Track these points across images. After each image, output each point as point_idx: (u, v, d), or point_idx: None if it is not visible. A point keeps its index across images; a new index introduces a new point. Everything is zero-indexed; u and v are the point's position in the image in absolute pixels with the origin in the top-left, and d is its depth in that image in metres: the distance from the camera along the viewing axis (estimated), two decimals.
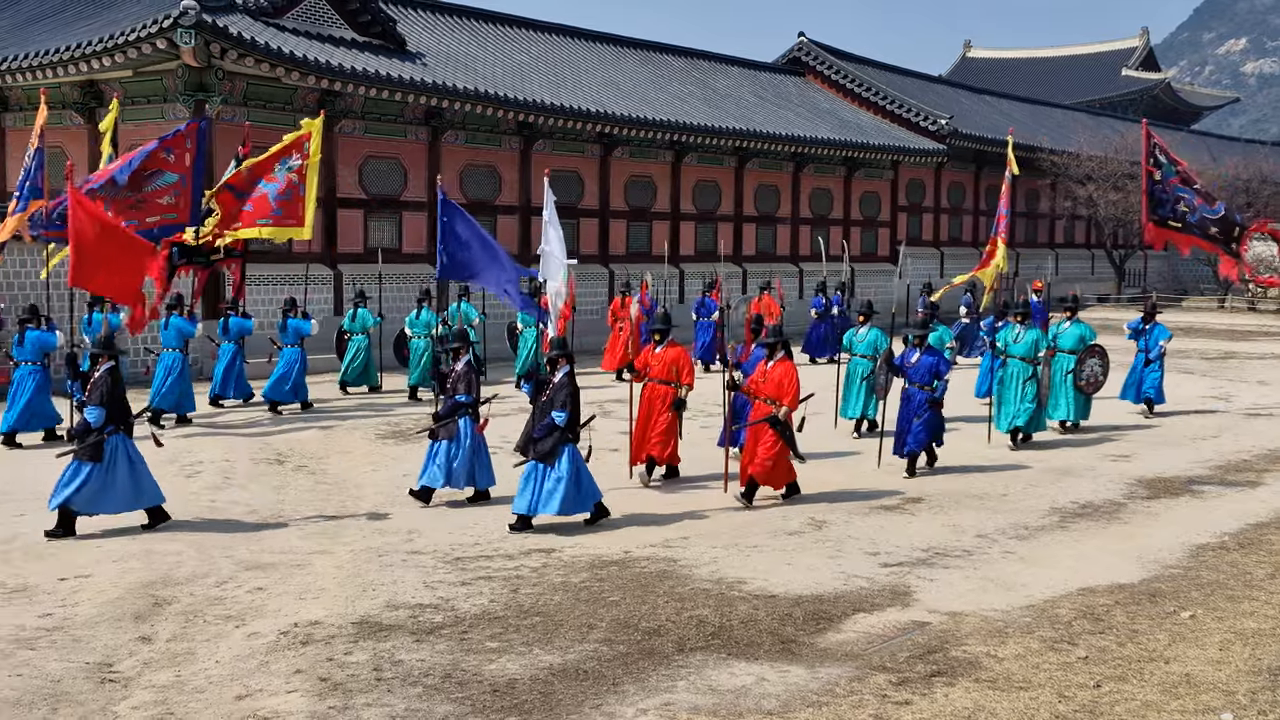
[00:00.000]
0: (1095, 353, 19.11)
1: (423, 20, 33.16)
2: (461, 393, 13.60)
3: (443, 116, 28.74)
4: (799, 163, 39.90)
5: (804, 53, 47.62)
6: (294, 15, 27.07)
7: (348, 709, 7.60)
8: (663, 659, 8.60)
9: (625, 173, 34.60)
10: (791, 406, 13.50)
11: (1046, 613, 9.86)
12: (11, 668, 8.29)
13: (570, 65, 35.91)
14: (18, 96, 27.49)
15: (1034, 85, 75.67)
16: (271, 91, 25.62)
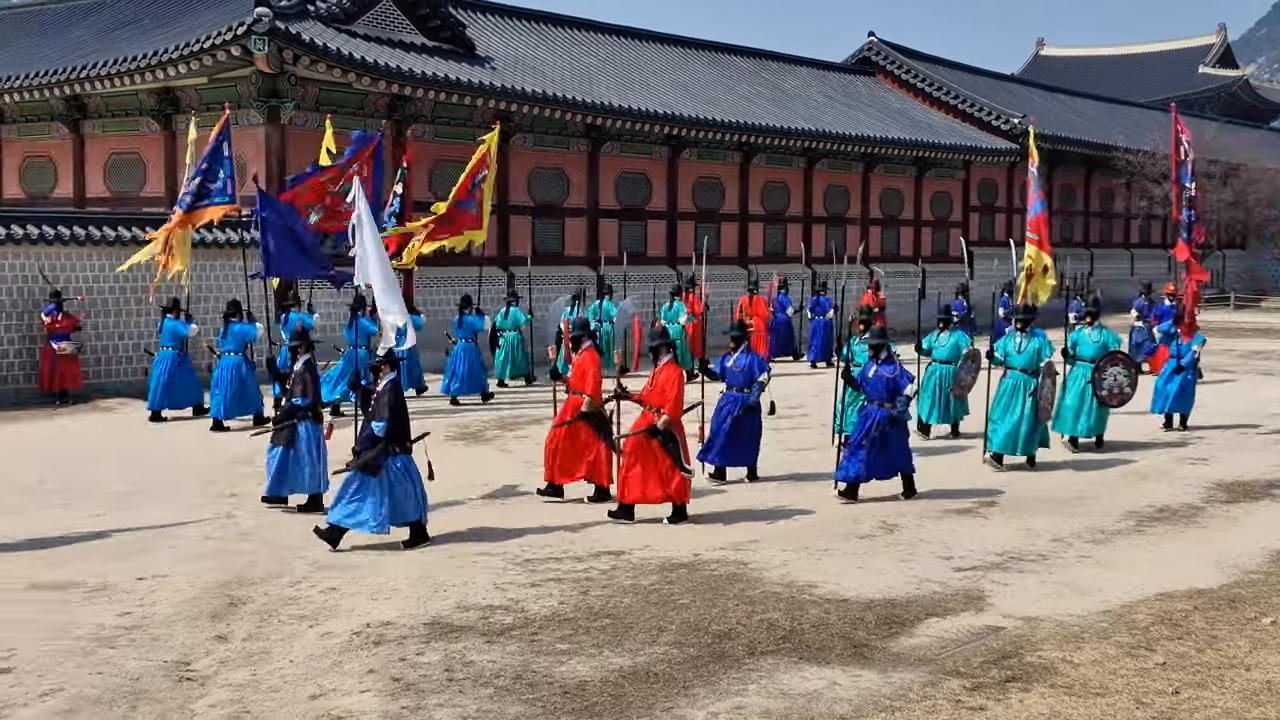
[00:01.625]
0: (1118, 361, 17.24)
1: (491, 24, 33.35)
2: (298, 395, 13.15)
3: (511, 120, 28.87)
4: (869, 163, 39.68)
5: (874, 52, 47.36)
6: (365, 21, 27.33)
7: (420, 709, 7.64)
8: (733, 662, 8.57)
9: (693, 174, 34.58)
10: (673, 414, 12.63)
11: (1123, 618, 9.72)
12: (93, 666, 8.42)
13: (638, 67, 35.95)
14: (96, 104, 27.96)
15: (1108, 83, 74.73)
16: (343, 97, 25.87)
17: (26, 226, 21.40)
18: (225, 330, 19.12)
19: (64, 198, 28.73)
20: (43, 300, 21.16)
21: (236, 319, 19.07)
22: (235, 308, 19.21)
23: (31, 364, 21.17)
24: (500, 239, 29.18)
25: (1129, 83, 77.12)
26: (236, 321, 19.03)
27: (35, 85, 26.91)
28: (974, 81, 48.92)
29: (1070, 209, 50.64)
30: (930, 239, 42.58)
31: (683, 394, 12.86)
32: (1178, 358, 19.34)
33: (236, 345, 18.81)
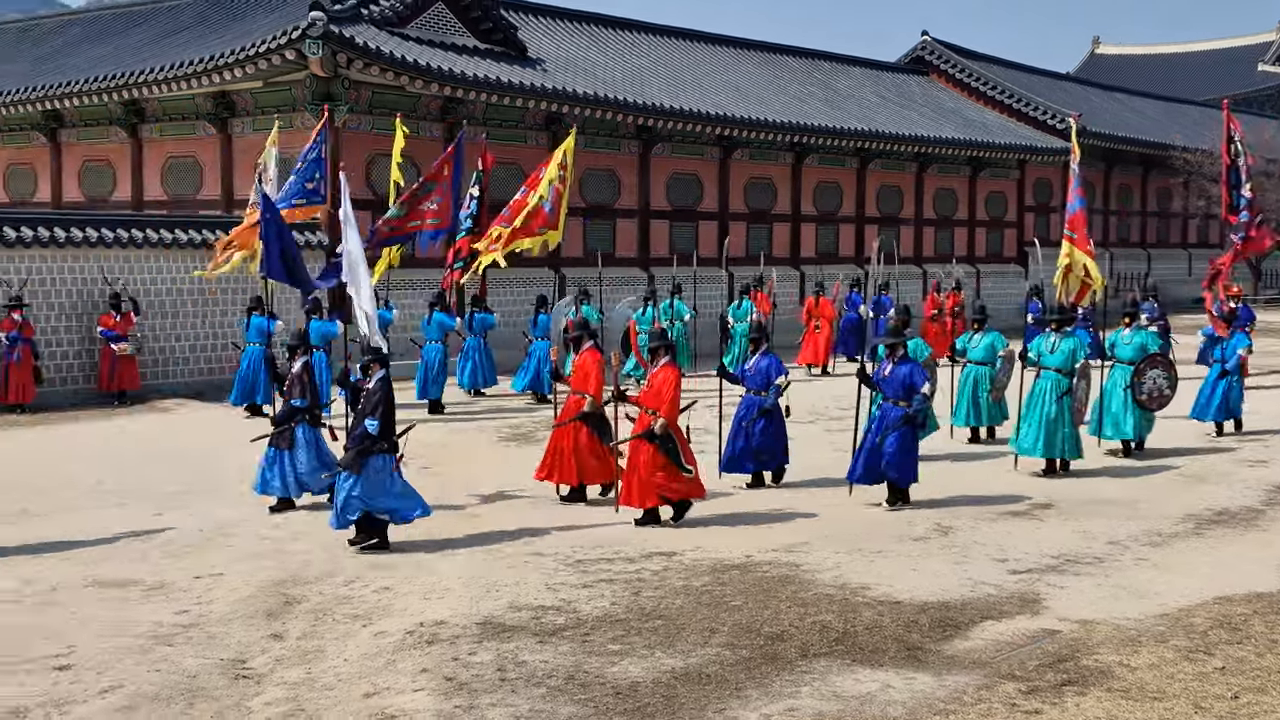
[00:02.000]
0: (1158, 363, 16.79)
1: (543, 26, 33.44)
2: (296, 397, 13.13)
3: (563, 121, 28.93)
4: (923, 163, 39.46)
5: (928, 51, 47.09)
6: (418, 24, 27.49)
7: (473, 708, 7.67)
8: (786, 664, 8.54)
9: (745, 175, 34.53)
10: (669, 416, 12.44)
11: (1181, 621, 9.60)
12: (151, 663, 8.52)
13: (689, 68, 35.93)
14: (153, 108, 28.28)
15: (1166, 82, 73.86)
16: (396, 99, 26.03)
17: (86, 229, 21.69)
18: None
19: (122, 201, 29.08)
20: (102, 302, 21.44)
21: (318, 316, 19.72)
22: (316, 305, 19.84)
23: (91, 365, 21.46)
24: None
25: (1187, 81, 76.18)
26: (317, 319, 19.62)
27: (95, 90, 27.25)
28: (1029, 80, 48.53)
29: (1127, 209, 50.15)
30: (985, 239, 42.28)
31: (679, 396, 12.67)
32: (1222, 362, 18.63)
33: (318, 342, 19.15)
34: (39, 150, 30.99)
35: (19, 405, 20.09)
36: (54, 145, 30.60)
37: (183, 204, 27.77)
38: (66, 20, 36.92)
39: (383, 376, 11.90)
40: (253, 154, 26.71)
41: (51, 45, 33.83)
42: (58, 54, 32.37)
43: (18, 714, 7.59)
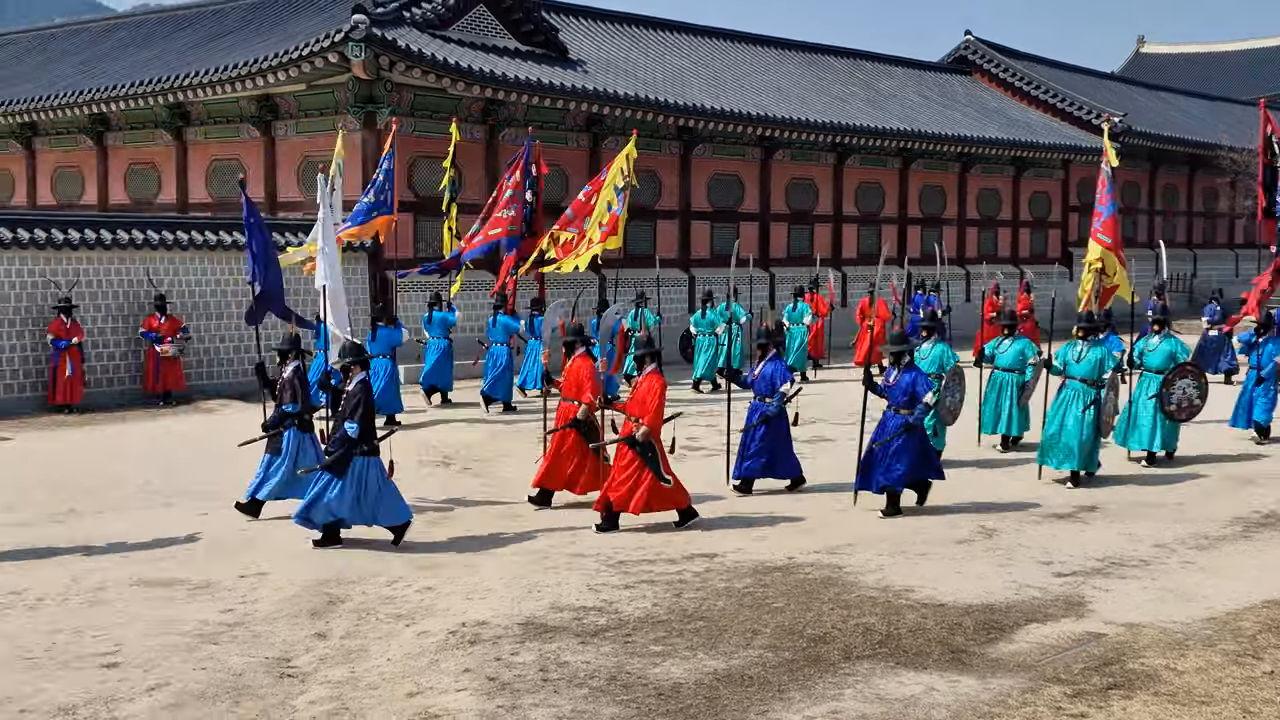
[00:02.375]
0: (1188, 373, 16.23)
1: (584, 28, 33.48)
2: (288, 402, 12.96)
3: (603, 123, 28.97)
4: (965, 163, 39.25)
5: (971, 51, 46.83)
6: (459, 27, 27.59)
7: (515, 708, 7.69)
8: (829, 666, 8.51)
9: (786, 176, 34.45)
10: (652, 425, 12.35)
11: (1229, 625, 9.50)
12: (196, 661, 8.58)
13: (731, 69, 35.89)
14: (198, 112, 28.52)
15: (1212, 81, 73.11)
16: (438, 101, 26.13)
17: (132, 232, 21.89)
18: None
19: (167, 204, 29.34)
20: (148, 304, 21.63)
21: (384, 323, 20.13)
22: (384, 312, 20.49)
23: (136, 366, 21.65)
24: None
25: (1233, 80, 75.34)
26: (385, 326, 20.04)
27: (140, 93, 27.50)
28: (1072, 80, 48.18)
29: (1173, 209, 49.70)
30: (1029, 240, 42.00)
31: (663, 404, 12.60)
32: (1258, 368, 18.13)
33: (384, 349, 19.61)
34: (86, 153, 31.31)
35: (67, 405, 20.32)
36: (100, 148, 30.92)
37: (227, 206, 27.96)
38: (113, 24, 37.29)
39: (362, 379, 11.88)
40: (295, 156, 26.96)
41: (98, 50, 34.18)
42: (104, 58, 32.71)
43: (67, 711, 7.66)
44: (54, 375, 20.42)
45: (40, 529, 12.61)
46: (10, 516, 13.24)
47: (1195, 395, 16.11)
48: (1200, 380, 16.26)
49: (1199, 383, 16.21)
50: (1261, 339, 18.35)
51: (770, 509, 13.47)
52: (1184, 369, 16.26)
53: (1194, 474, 15.86)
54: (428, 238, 26.74)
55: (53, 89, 30.17)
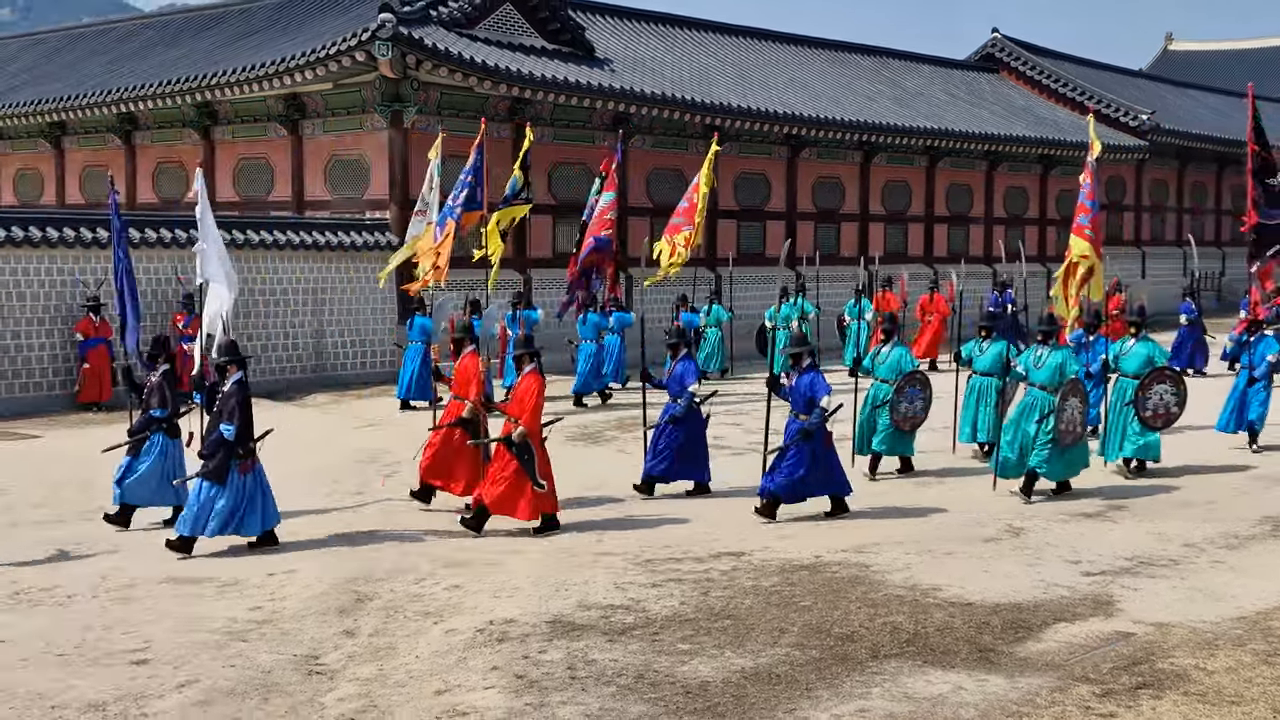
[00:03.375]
0: (1165, 378, 15.24)
1: (610, 26, 33.48)
2: (155, 407, 12.67)
3: (630, 121, 28.95)
4: (993, 161, 39.10)
5: (998, 49, 46.65)
6: (486, 25, 27.62)
7: (543, 706, 7.70)
8: (856, 665, 8.50)
9: (812, 174, 34.38)
10: (529, 426, 12.19)
11: (1259, 625, 9.45)
12: (225, 659, 8.63)
13: (757, 67, 35.83)
14: (226, 111, 28.64)
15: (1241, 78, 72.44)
16: (464, 100, 26.17)
17: (160, 230, 22.02)
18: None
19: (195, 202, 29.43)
20: (175, 302, 21.75)
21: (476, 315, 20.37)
22: (475, 307, 20.82)
23: None
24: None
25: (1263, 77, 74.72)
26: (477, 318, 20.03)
27: (168, 93, 27.62)
28: (1100, 77, 47.94)
29: (1201, 207, 49.42)
30: (1056, 238, 41.81)
31: (541, 404, 12.42)
32: (1250, 368, 17.13)
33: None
34: (114, 153, 31.47)
35: (96, 404, 20.45)
36: (128, 147, 31.07)
37: (254, 205, 28.09)
38: (140, 24, 37.49)
39: (239, 379, 11.73)
40: (323, 155, 27.03)
41: (126, 49, 34.36)
42: (132, 57, 32.87)
43: (97, 708, 7.71)
44: (82, 374, 20.55)
45: (70, 527, 12.71)
46: (40, 514, 13.36)
47: (1174, 402, 15.08)
48: (1179, 386, 15.22)
49: (1177, 389, 15.16)
50: (1254, 338, 17.48)
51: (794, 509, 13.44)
52: (1162, 374, 15.29)
53: (1224, 471, 15.76)
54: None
55: (81, 88, 30.33)
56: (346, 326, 24.28)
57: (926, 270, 34.06)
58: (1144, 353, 15.55)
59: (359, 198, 26.36)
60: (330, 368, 23.91)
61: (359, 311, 24.50)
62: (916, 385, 15.39)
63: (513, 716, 7.55)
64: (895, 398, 15.16)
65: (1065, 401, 13.95)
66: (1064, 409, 13.91)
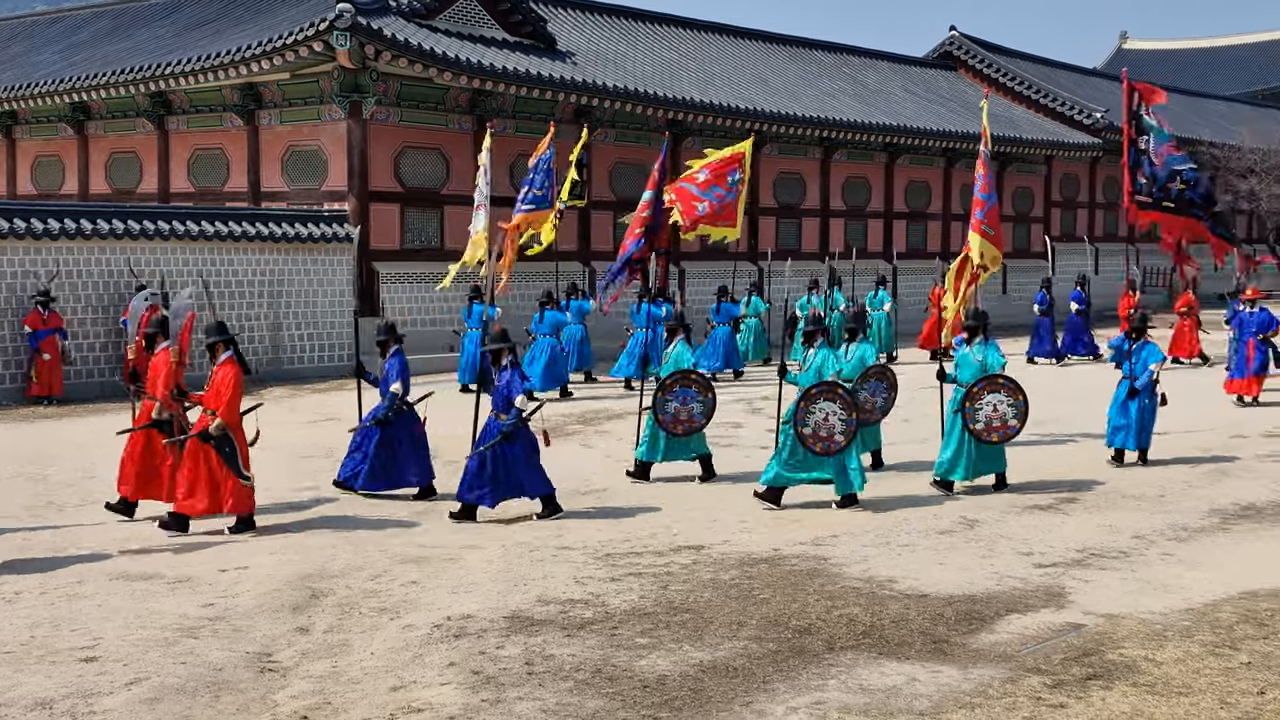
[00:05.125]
0: (999, 386, 13.95)
1: (572, 19, 33.44)
2: None
3: (593, 115, 28.93)
4: (950, 158, 39.36)
5: (955, 46, 46.94)
6: (446, 16, 27.53)
7: (500, 702, 7.68)
8: (813, 657, 8.53)
9: (774, 169, 34.47)
10: (227, 418, 11.75)
11: (1207, 616, 9.54)
12: (176, 656, 8.55)
13: (719, 62, 35.88)
14: (180, 100, 28.41)
15: (1193, 76, 73.47)
16: (424, 92, 26.09)
17: (113, 221, 21.82)
18: (541, 315, 22.14)
19: (149, 193, 29.23)
20: (129, 295, 21.55)
21: (551, 306, 22.16)
22: (548, 297, 22.47)
23: (118, 357, 21.56)
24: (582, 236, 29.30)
25: (1214, 76, 75.71)
26: (550, 309, 22.06)
27: (122, 82, 27.40)
28: (1056, 75, 48.33)
29: None
30: (1012, 234, 42.12)
31: (239, 395, 11.98)
32: (1131, 379, 15.69)
33: (550, 329, 21.89)
34: (66, 142, 31.18)
35: (47, 397, 20.25)
36: (81, 137, 30.80)
37: (209, 196, 27.90)
38: (95, 12, 37.11)
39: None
40: (279, 146, 26.87)
41: (79, 38, 34.04)
42: (85, 46, 32.57)
43: (45, 705, 7.63)
44: (39, 365, 20.34)
45: (19, 522, 12.56)
46: None
47: (1010, 414, 13.88)
48: (1017, 398, 13.91)
49: (1015, 400, 13.90)
50: (1136, 344, 15.93)
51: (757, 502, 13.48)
52: (995, 382, 13.98)
53: (1174, 464, 15.91)
54: (415, 228, 26.72)
55: (32, 78, 30.05)
56: (304, 319, 24.16)
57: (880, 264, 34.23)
58: (980, 359, 14.29)
59: (317, 189, 26.23)
60: (288, 361, 23.78)
61: (317, 304, 24.39)
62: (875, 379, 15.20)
63: (469, 712, 7.53)
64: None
65: (813, 404, 13.09)
66: (811, 411, 13.06)
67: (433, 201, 27.03)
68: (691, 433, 14.56)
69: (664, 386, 14.36)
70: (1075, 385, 23.95)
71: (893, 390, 15.45)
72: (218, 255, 22.95)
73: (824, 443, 13.03)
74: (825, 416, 13.02)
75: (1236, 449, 17.26)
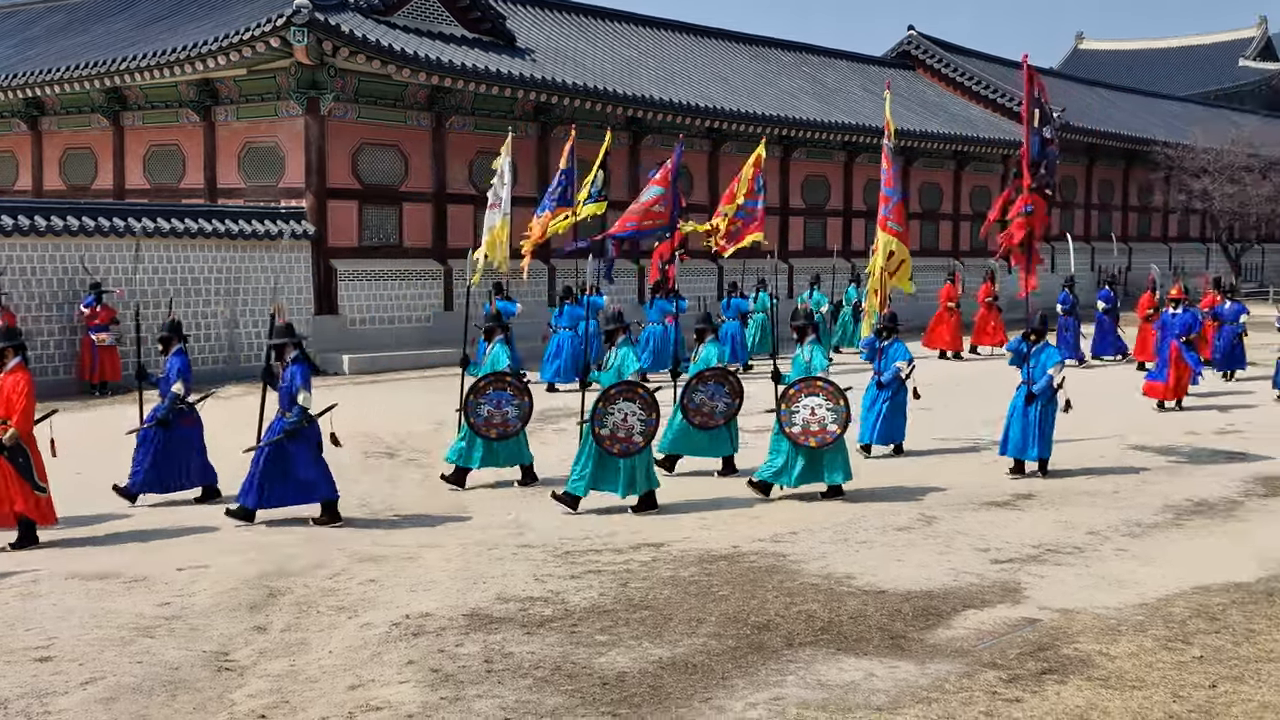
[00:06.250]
0: (818, 389, 13.35)
1: (532, 16, 33.39)
2: None
3: (552, 112, 28.90)
4: (909, 157, 39.52)
5: (914, 46, 47.20)
6: (404, 12, 27.42)
7: (459, 700, 7.67)
8: (772, 653, 8.57)
9: (733, 168, 34.48)
10: (20, 427, 11.13)
11: (1160, 611, 9.65)
12: (132, 655, 8.49)
13: (679, 60, 35.93)
14: (136, 96, 28.17)
15: (1148, 77, 74.18)
16: (382, 88, 25.99)
17: (67, 218, 21.61)
18: (561, 310, 22.99)
19: (104, 189, 28.97)
20: (83, 292, 21.37)
21: (570, 301, 22.88)
22: (568, 292, 23.29)
23: (71, 355, 21.38)
24: None
25: (1168, 76, 76.48)
26: (570, 303, 22.73)
27: (77, 77, 27.14)
28: (1013, 75, 48.59)
29: (1108, 203, 50.34)
30: (969, 233, 42.38)
31: (33, 404, 11.32)
32: (1028, 382, 14.91)
33: (570, 323, 22.45)
34: (20, 138, 30.86)
35: None
36: (35, 133, 30.49)
37: (165, 192, 27.67)
38: (49, 7, 36.71)
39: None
40: (236, 142, 26.71)
41: (33, 32, 33.67)
42: (40, 41, 32.22)
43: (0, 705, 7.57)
44: None
45: None
46: None
47: (830, 420, 13.27)
48: (838, 402, 13.30)
49: (836, 405, 13.29)
50: (1034, 347, 15.19)
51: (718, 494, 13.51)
52: (813, 385, 13.46)
53: (1128, 461, 16.07)
54: (374, 225, 26.61)
55: None
56: (261, 318, 24.00)
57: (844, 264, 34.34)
58: (805, 360, 13.79)
59: (274, 185, 26.08)
60: (245, 359, 23.63)
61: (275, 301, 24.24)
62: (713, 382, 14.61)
63: (427, 710, 7.52)
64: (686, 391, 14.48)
65: (611, 405, 12.73)
66: (609, 412, 12.72)
67: (391, 198, 26.93)
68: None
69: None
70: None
71: (736, 397, 14.71)
72: (174, 252, 22.79)
73: (622, 444, 12.66)
74: (624, 417, 12.67)
75: (1190, 447, 17.41)
